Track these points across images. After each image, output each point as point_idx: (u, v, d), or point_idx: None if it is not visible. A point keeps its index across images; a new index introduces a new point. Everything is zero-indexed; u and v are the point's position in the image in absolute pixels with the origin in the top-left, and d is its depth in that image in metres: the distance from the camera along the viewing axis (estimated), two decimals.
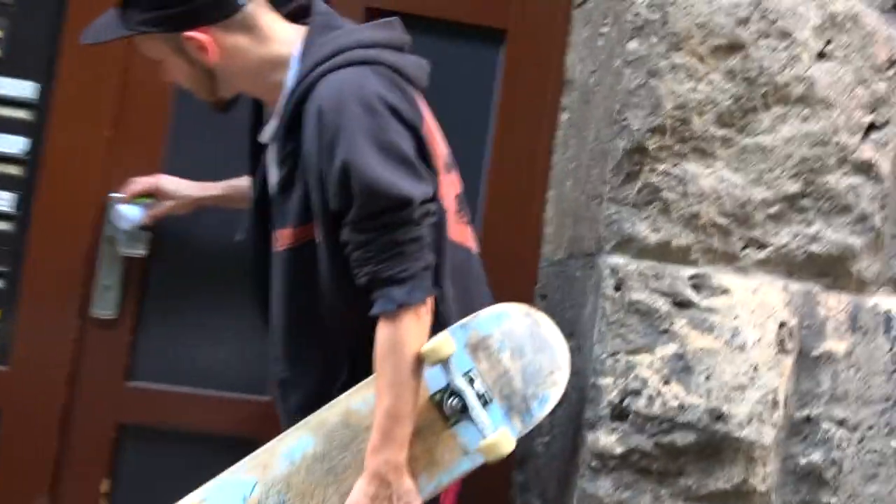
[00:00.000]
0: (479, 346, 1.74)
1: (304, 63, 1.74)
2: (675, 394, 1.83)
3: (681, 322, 1.86)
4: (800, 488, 1.90)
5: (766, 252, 1.91)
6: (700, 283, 1.87)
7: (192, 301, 2.26)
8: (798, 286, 1.90)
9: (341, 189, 1.65)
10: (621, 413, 1.84)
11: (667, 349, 1.85)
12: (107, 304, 2.18)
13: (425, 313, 1.67)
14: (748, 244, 1.91)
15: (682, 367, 1.84)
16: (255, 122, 1.96)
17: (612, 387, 1.85)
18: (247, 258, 1.97)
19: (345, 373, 1.78)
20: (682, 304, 1.87)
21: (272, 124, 1.82)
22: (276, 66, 1.79)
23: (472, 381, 1.72)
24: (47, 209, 2.19)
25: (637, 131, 1.91)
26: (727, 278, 1.88)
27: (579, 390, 1.88)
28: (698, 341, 1.84)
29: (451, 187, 1.82)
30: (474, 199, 2.24)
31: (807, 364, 1.88)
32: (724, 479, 1.82)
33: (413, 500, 1.67)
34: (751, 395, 1.82)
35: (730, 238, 1.91)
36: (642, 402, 1.83)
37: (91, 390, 2.18)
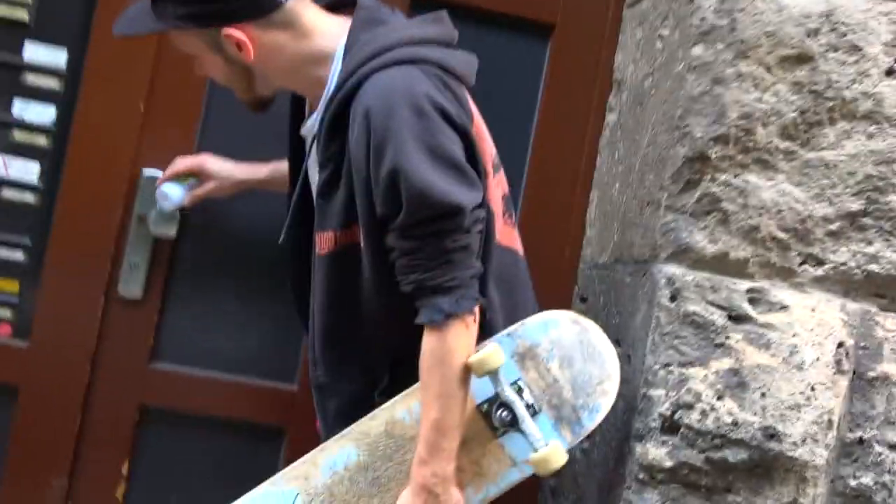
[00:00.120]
0: (526, 356, 1.65)
1: (349, 60, 1.62)
2: (728, 409, 1.75)
3: (737, 337, 1.77)
4: None
5: (823, 269, 1.83)
6: (757, 297, 1.78)
7: (220, 284, 2.14)
8: (855, 306, 1.82)
9: (389, 194, 1.54)
10: (672, 426, 1.76)
11: (721, 363, 1.76)
12: (133, 284, 2.06)
13: (472, 323, 1.57)
14: (806, 260, 1.82)
15: (737, 382, 1.75)
16: (295, 109, 1.85)
17: (663, 399, 1.76)
18: (283, 253, 1.87)
19: (385, 379, 1.69)
20: (738, 318, 1.78)
21: (314, 119, 1.71)
22: (318, 61, 1.67)
23: (520, 391, 1.63)
24: (75, 182, 2.06)
25: (699, 139, 1.81)
26: (785, 294, 1.79)
27: (627, 400, 1.79)
28: (754, 357, 1.75)
29: (498, 188, 1.72)
30: (515, 198, 2.13)
31: (861, 385, 1.80)
32: (773, 499, 1.74)
33: None
34: (806, 416, 1.74)
35: (788, 253, 1.82)
36: (695, 416, 1.75)
37: (114, 371, 2.07)
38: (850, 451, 1.80)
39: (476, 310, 1.57)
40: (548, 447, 1.57)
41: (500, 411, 1.61)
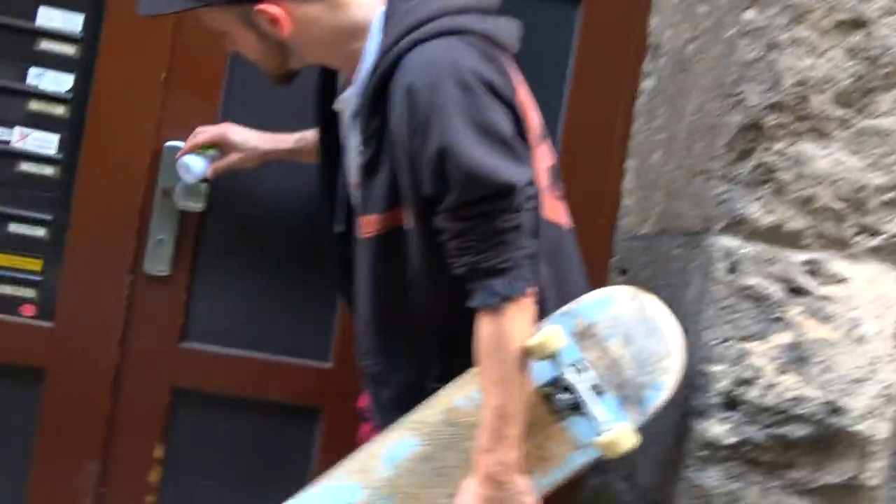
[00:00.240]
0: (585, 335, 1.56)
1: (388, 33, 1.51)
2: (790, 385, 1.68)
3: (796, 310, 1.69)
4: None
5: (878, 240, 1.75)
6: (815, 269, 1.71)
7: (250, 258, 2.02)
8: None
9: (437, 174, 1.43)
10: (732, 402, 1.69)
11: (781, 338, 1.69)
12: (160, 260, 1.94)
13: (528, 304, 1.48)
14: (861, 231, 1.74)
15: (798, 357, 1.68)
16: (324, 81, 1.72)
17: (722, 375, 1.69)
18: (314, 228, 1.78)
19: (437, 364, 1.59)
20: (796, 290, 1.70)
21: (350, 94, 1.59)
22: (354, 34, 1.55)
23: (581, 371, 1.54)
24: (95, 154, 1.92)
25: (754, 107, 1.71)
26: (842, 265, 1.72)
27: (684, 376, 1.70)
28: (815, 331, 1.68)
29: (543, 160, 1.62)
30: None
31: None
32: (835, 473, 1.69)
33: (529, 500, 1.50)
34: (869, 390, 1.68)
35: (843, 224, 1.74)
36: (755, 391, 1.68)
37: (143, 351, 1.96)
38: None
39: (531, 291, 1.48)
40: (615, 429, 1.50)
41: (562, 394, 1.53)
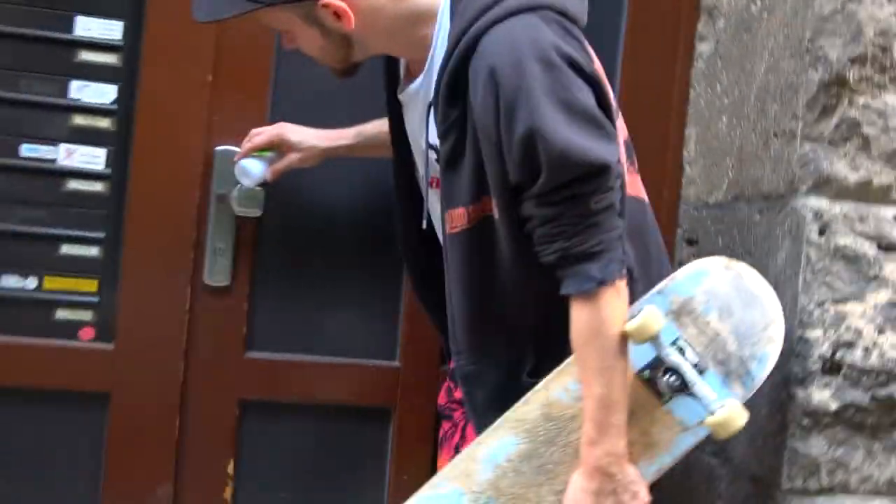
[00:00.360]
0: (682, 312, 1.44)
1: (459, 15, 1.40)
2: (892, 343, 1.57)
3: (891, 266, 1.58)
4: None
5: None
6: None
7: (309, 262, 1.91)
8: None
9: (525, 159, 1.33)
10: (834, 366, 1.58)
11: (879, 296, 1.58)
12: (219, 270, 1.83)
13: (623, 287, 1.38)
14: None
15: None
16: (389, 70, 1.62)
17: (822, 339, 1.58)
18: (398, 231, 1.68)
19: (531, 357, 1.49)
20: (890, 247, 1.59)
21: (418, 83, 1.49)
22: (420, 19, 1.46)
23: (682, 351, 1.42)
24: (145, 166, 1.81)
25: (836, 61, 1.60)
26: None
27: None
28: None
29: (619, 134, 1.50)
30: None
31: None
32: None
33: (640, 489, 1.40)
34: None
35: None
36: (857, 354, 1.58)
37: (208, 365, 1.85)
38: None
39: (625, 272, 1.37)
40: (725, 407, 1.38)
41: (666, 376, 1.42)
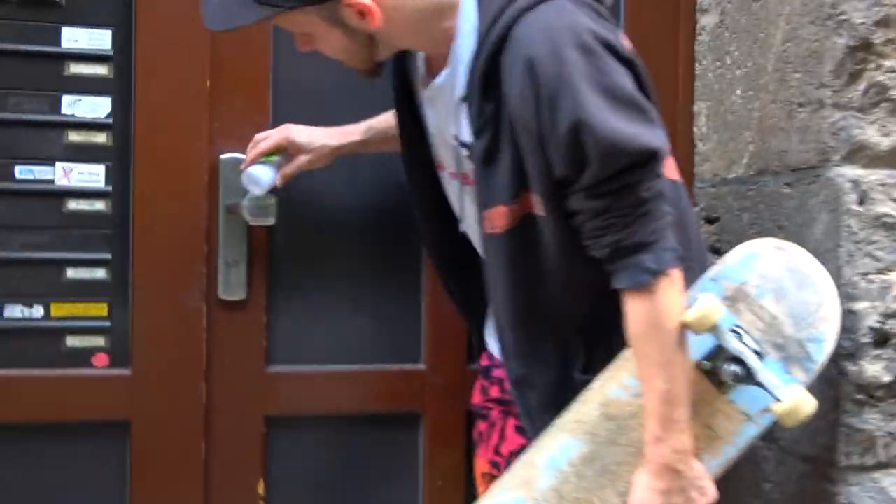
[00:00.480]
0: (737, 297, 1.38)
1: (485, 5, 1.31)
2: None
3: None
4: None
5: None
6: None
7: (325, 268, 1.80)
8: None
9: (572, 152, 1.25)
10: (883, 338, 1.52)
11: None
12: (234, 284, 1.71)
13: (679, 276, 1.30)
14: None
15: None
16: (398, 63, 1.52)
17: (869, 311, 1.51)
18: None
19: (581, 355, 1.40)
20: None
21: (443, 78, 1.39)
22: (442, 12, 1.36)
23: (740, 338, 1.35)
24: (148, 179, 1.69)
25: (861, 25, 1.52)
26: None
27: None
28: None
29: None
30: None
31: None
32: None
33: (707, 484, 1.33)
34: None
35: None
36: None
37: (230, 384, 1.73)
38: None
39: (678, 260, 1.30)
40: (792, 394, 1.31)
41: (729, 365, 1.34)
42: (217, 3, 1.32)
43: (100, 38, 1.66)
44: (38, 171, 1.64)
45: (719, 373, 1.35)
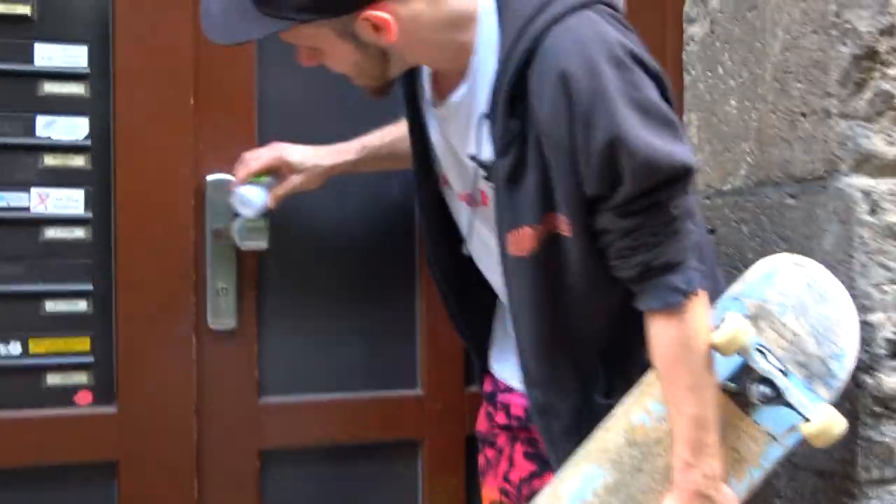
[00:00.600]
0: (759, 316, 1.33)
1: (509, 15, 1.24)
2: None
3: None
4: None
5: None
6: None
7: (317, 293, 1.70)
8: None
9: (606, 169, 1.19)
10: None
11: None
12: (225, 312, 1.60)
13: (705, 296, 1.26)
14: None
15: None
16: (408, 78, 1.43)
17: (885, 322, 1.47)
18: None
19: (602, 379, 1.35)
20: None
21: (462, 94, 1.31)
22: (459, 25, 1.28)
23: (766, 357, 1.30)
24: (130, 205, 1.57)
25: (867, 34, 1.48)
26: None
27: None
28: None
29: None
30: None
31: None
32: None
33: None
34: None
35: None
36: None
37: (222, 418, 1.62)
38: None
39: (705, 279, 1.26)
40: (822, 414, 1.26)
41: (757, 386, 1.29)
42: (218, 14, 1.22)
43: (75, 55, 1.54)
44: (12, 198, 1.52)
45: (747, 394, 1.30)
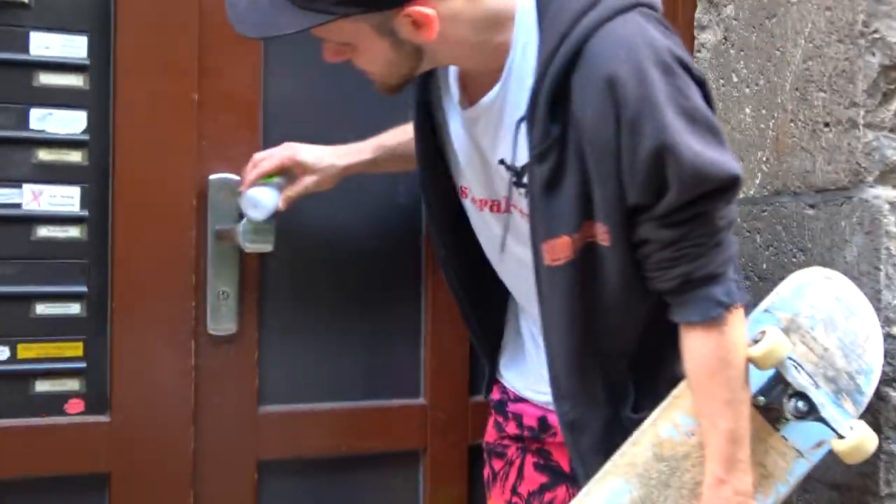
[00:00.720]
0: (790, 329, 1.29)
1: (551, 16, 1.18)
2: None
3: None
4: None
5: None
6: None
7: (319, 299, 1.62)
8: None
9: (652, 177, 1.15)
10: None
11: None
12: (225, 317, 1.51)
13: (742, 310, 1.22)
14: None
15: None
16: (422, 81, 1.36)
17: None
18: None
19: (631, 392, 1.30)
20: None
21: (492, 97, 1.24)
22: (497, 24, 1.22)
23: (799, 371, 1.25)
24: (129, 203, 1.48)
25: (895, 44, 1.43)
26: None
27: None
28: None
29: None
30: None
31: None
32: None
33: None
34: None
35: None
36: None
37: (220, 428, 1.53)
38: None
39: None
40: (856, 430, 1.23)
41: (790, 401, 1.24)
42: (247, 5, 1.14)
43: (74, 45, 1.44)
44: (4, 195, 1.42)
45: (780, 408, 1.25)
